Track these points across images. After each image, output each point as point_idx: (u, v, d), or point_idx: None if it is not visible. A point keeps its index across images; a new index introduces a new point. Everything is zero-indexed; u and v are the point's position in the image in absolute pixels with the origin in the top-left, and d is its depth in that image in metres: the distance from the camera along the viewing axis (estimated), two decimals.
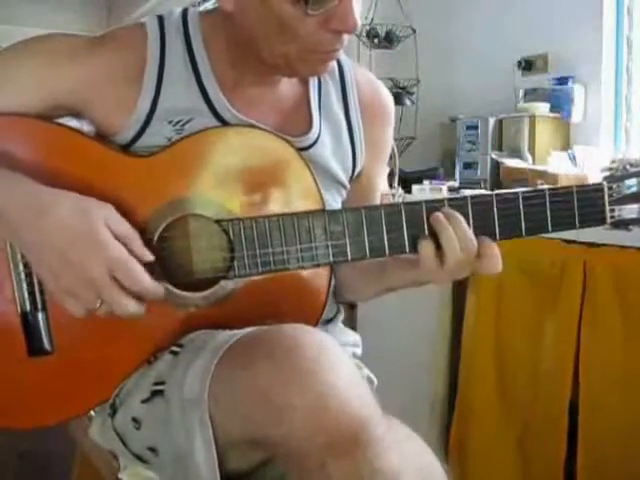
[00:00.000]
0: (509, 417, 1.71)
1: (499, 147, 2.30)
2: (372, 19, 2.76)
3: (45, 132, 0.87)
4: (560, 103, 2.23)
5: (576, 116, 2.23)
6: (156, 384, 0.82)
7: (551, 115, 2.23)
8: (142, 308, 0.79)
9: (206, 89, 0.90)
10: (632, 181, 0.86)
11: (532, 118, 2.20)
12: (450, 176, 2.42)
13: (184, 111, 0.89)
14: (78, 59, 0.87)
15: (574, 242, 1.54)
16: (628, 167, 0.86)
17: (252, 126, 0.89)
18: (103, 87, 0.87)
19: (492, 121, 2.31)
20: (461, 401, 1.83)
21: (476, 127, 2.34)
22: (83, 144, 0.86)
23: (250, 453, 0.78)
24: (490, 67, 2.51)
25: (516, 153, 2.22)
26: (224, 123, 0.90)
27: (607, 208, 0.86)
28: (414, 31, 2.77)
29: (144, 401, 0.83)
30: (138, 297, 0.79)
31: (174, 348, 0.84)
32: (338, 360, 0.73)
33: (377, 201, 1.07)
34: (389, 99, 1.05)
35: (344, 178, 0.99)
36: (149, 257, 0.79)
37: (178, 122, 0.88)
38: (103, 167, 0.85)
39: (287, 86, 0.96)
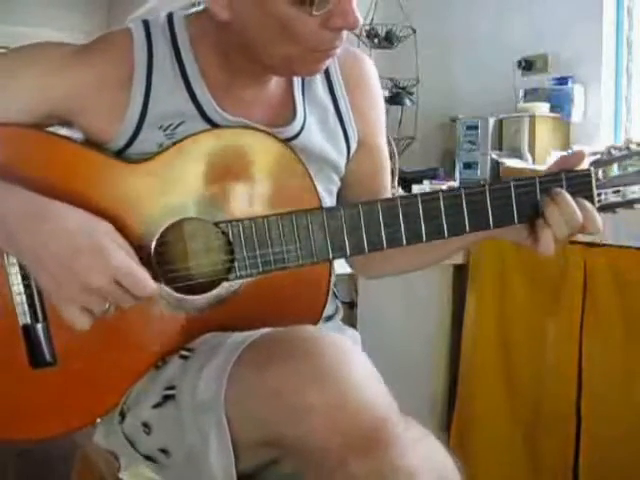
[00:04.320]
0: (515, 416, 1.71)
1: (499, 147, 2.30)
2: (372, 19, 2.76)
3: (38, 140, 0.86)
4: (560, 103, 2.23)
5: (576, 116, 2.23)
6: (167, 389, 0.82)
7: (551, 115, 2.23)
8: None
9: (194, 92, 0.90)
10: (617, 165, 0.88)
11: (532, 118, 2.20)
12: (450, 176, 2.42)
13: (174, 115, 0.89)
14: (68, 68, 0.87)
15: (574, 242, 1.54)
16: (613, 151, 0.88)
17: (245, 127, 0.89)
18: (93, 95, 0.87)
19: (492, 121, 2.30)
20: (461, 401, 1.83)
21: (476, 127, 2.34)
22: (77, 152, 0.86)
23: (260, 453, 0.78)
24: (490, 67, 2.51)
25: (516, 153, 2.22)
26: (214, 125, 0.90)
27: (595, 192, 0.87)
28: (414, 31, 2.77)
29: (155, 406, 0.83)
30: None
31: (183, 352, 0.84)
32: (356, 360, 0.73)
33: (388, 168, 1.08)
34: (369, 65, 1.05)
35: (338, 160, 0.99)
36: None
37: (169, 126, 0.88)
38: (98, 174, 0.85)
39: (274, 81, 0.96)
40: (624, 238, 1.47)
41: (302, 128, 0.95)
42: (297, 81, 0.97)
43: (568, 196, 0.85)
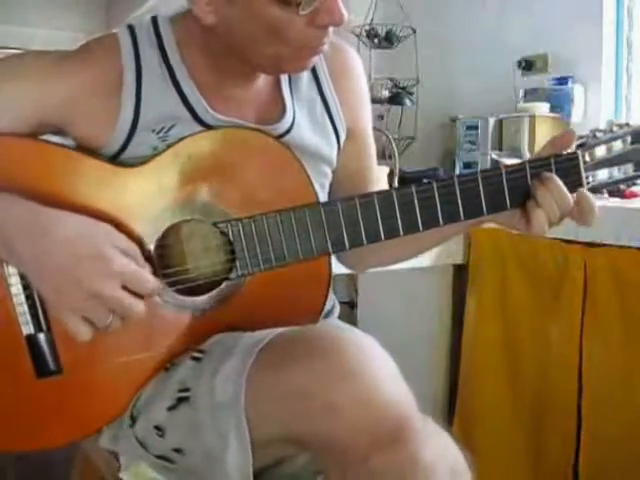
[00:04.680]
0: (516, 415, 1.71)
1: (499, 147, 2.30)
2: (372, 19, 2.76)
3: (32, 148, 0.86)
4: (560, 103, 2.23)
5: (576, 116, 2.22)
6: (180, 391, 0.82)
7: (551, 115, 2.22)
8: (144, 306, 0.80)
9: (185, 94, 0.90)
10: (602, 147, 0.90)
11: (532, 118, 2.19)
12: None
13: (166, 118, 0.89)
14: (58, 76, 0.87)
15: (574, 242, 1.54)
16: (597, 134, 0.91)
17: (238, 126, 0.90)
18: (84, 102, 0.87)
19: (492, 121, 2.30)
20: (462, 401, 1.82)
21: (476, 127, 2.33)
22: (72, 158, 0.86)
23: (270, 452, 0.79)
24: (490, 67, 2.51)
25: (516, 153, 2.22)
26: (206, 127, 0.90)
27: (583, 175, 0.89)
28: (414, 31, 2.76)
29: (170, 409, 0.82)
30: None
31: (195, 354, 0.84)
32: (377, 356, 0.74)
33: (374, 157, 1.10)
34: (352, 55, 1.06)
35: (329, 152, 1.00)
36: (148, 269, 0.80)
37: (161, 129, 0.88)
38: (94, 180, 0.85)
39: (262, 79, 0.96)
40: (624, 238, 1.46)
41: (292, 124, 0.96)
42: (284, 77, 0.98)
43: (558, 180, 0.86)
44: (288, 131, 0.95)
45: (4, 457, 1.94)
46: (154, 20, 0.93)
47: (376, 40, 2.78)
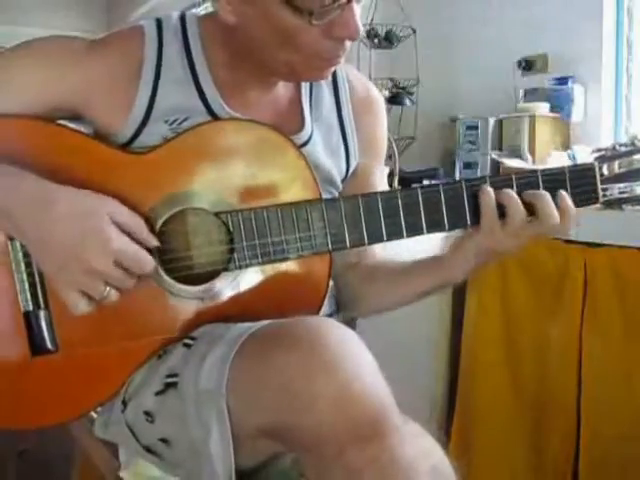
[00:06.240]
0: (516, 414, 1.71)
1: (499, 147, 2.30)
2: (372, 19, 2.76)
3: (46, 131, 0.87)
4: (560, 103, 2.23)
5: (576, 116, 2.23)
6: (169, 376, 0.83)
7: (551, 115, 2.22)
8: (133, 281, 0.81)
9: (203, 89, 0.91)
10: (623, 161, 0.88)
11: (532, 118, 2.20)
12: (450, 176, 2.42)
13: (181, 110, 0.90)
14: (78, 62, 0.89)
15: (574, 242, 1.54)
16: (618, 147, 0.88)
17: (247, 120, 0.90)
18: (102, 89, 0.88)
19: (492, 121, 2.30)
20: (461, 401, 1.83)
21: (476, 127, 2.34)
22: (83, 142, 0.87)
23: (259, 447, 0.78)
24: (490, 67, 2.51)
25: (516, 153, 2.22)
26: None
27: (599, 187, 0.87)
28: (414, 31, 2.77)
29: (158, 393, 0.83)
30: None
31: (186, 341, 0.85)
32: (359, 350, 0.74)
33: (380, 184, 1.08)
34: (379, 97, 1.07)
35: (337, 178, 1.01)
36: (154, 242, 0.82)
37: (174, 121, 0.89)
38: (103, 164, 0.86)
39: (281, 87, 0.97)
40: (624, 238, 1.47)
41: (309, 139, 0.96)
42: (305, 93, 0.99)
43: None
44: (304, 145, 0.95)
45: (5, 454, 1.94)
46: (182, 16, 0.95)
47: (376, 40, 2.78)
